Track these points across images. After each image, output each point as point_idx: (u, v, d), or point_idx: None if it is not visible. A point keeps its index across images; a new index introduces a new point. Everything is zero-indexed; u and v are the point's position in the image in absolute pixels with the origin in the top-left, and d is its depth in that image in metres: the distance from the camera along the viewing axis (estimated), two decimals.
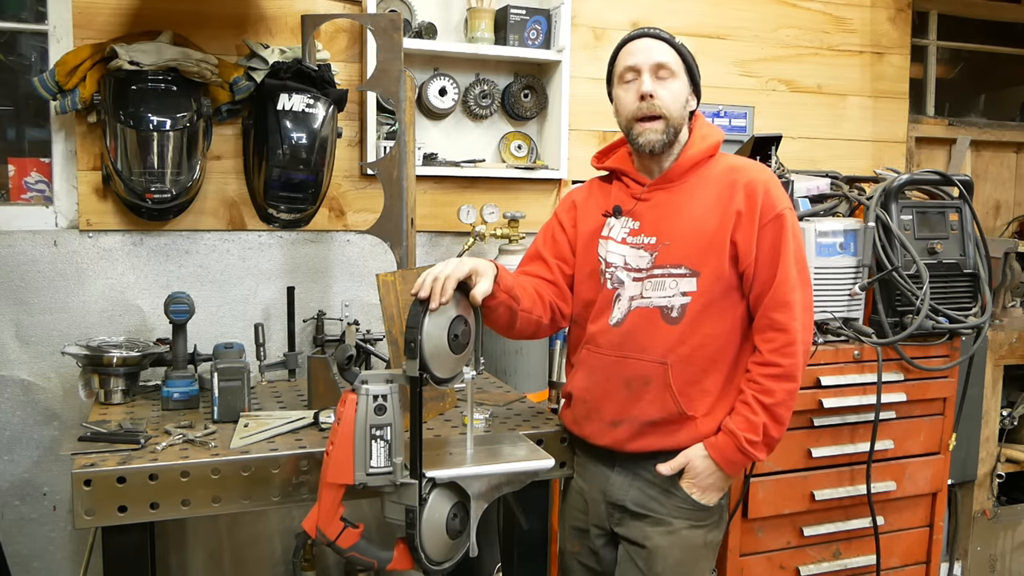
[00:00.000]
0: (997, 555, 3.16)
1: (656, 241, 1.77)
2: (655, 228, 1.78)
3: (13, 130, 2.59)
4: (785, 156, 2.80)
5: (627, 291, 1.78)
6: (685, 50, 1.80)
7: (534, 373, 2.67)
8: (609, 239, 1.83)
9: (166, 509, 1.66)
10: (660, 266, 1.76)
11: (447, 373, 1.60)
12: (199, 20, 2.47)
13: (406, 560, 1.59)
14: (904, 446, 2.53)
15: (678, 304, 1.74)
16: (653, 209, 1.80)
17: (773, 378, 1.72)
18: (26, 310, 2.41)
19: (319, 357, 2.12)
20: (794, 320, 1.72)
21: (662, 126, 1.75)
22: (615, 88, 1.83)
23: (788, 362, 1.72)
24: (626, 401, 1.78)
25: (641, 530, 1.81)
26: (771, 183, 1.76)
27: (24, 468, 2.44)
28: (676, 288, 1.74)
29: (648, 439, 1.78)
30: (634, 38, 1.79)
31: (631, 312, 1.77)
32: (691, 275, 1.74)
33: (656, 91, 1.74)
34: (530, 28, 2.79)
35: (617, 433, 1.80)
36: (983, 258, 2.62)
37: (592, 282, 1.85)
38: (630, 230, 1.81)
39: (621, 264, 1.80)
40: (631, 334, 1.77)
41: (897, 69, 3.50)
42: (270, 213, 2.45)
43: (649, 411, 1.76)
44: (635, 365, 1.76)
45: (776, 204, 1.73)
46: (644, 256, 1.77)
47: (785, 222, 1.73)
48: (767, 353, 1.73)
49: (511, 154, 2.91)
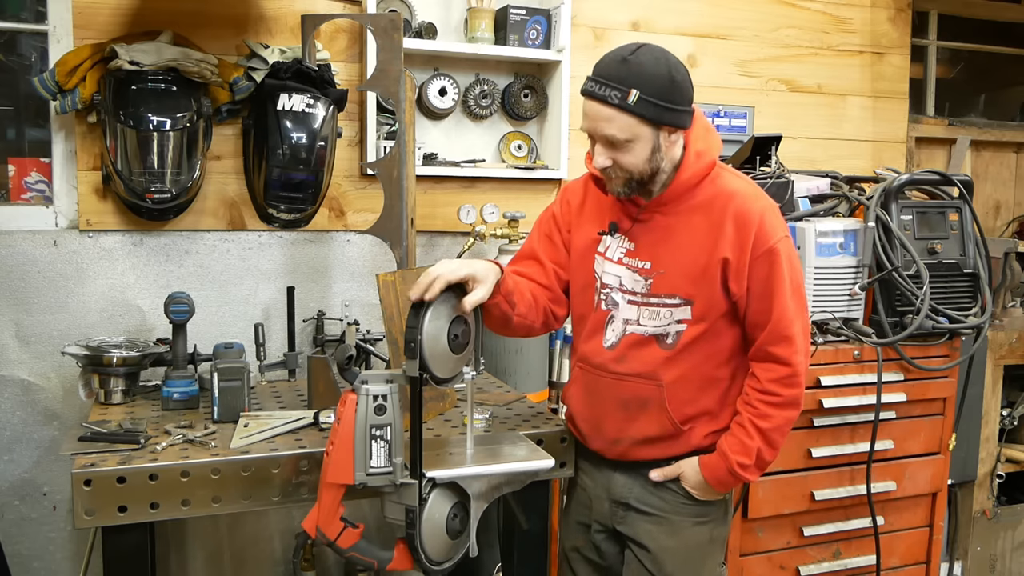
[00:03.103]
0: (997, 555, 3.16)
1: (651, 267, 1.74)
2: (650, 253, 1.74)
3: (13, 130, 2.59)
4: (785, 156, 2.80)
5: (621, 313, 1.77)
6: (646, 103, 1.57)
7: (534, 373, 2.67)
8: (606, 259, 1.79)
9: (166, 509, 1.66)
10: (655, 295, 1.73)
11: (447, 373, 1.60)
12: (199, 20, 2.47)
13: (406, 560, 1.59)
14: (904, 446, 2.53)
15: (673, 331, 1.73)
16: (649, 233, 1.74)
17: (772, 406, 1.71)
18: (26, 310, 2.41)
19: (319, 357, 2.12)
20: (795, 353, 1.70)
21: (623, 180, 1.66)
22: None
23: (788, 392, 1.71)
24: (623, 421, 1.79)
25: (645, 529, 1.82)
26: (765, 213, 1.68)
27: (24, 468, 2.44)
28: (671, 317, 1.73)
29: (647, 451, 1.80)
30: (586, 94, 1.62)
31: (625, 336, 1.76)
32: (685, 304, 1.72)
33: (613, 159, 1.63)
34: (530, 28, 2.79)
35: (618, 448, 1.82)
36: (983, 258, 2.62)
37: (585, 297, 1.84)
38: (626, 251, 1.77)
39: (616, 285, 1.77)
40: (626, 357, 1.76)
41: (897, 69, 3.50)
42: (270, 213, 2.45)
43: (646, 430, 1.78)
44: (631, 387, 1.76)
45: (769, 236, 1.67)
46: (639, 280, 1.75)
47: (779, 256, 1.67)
48: (766, 382, 1.71)
49: (511, 154, 2.91)
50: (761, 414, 1.71)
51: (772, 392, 1.70)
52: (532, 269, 1.89)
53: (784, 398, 1.71)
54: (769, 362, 1.71)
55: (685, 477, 1.79)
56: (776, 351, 1.70)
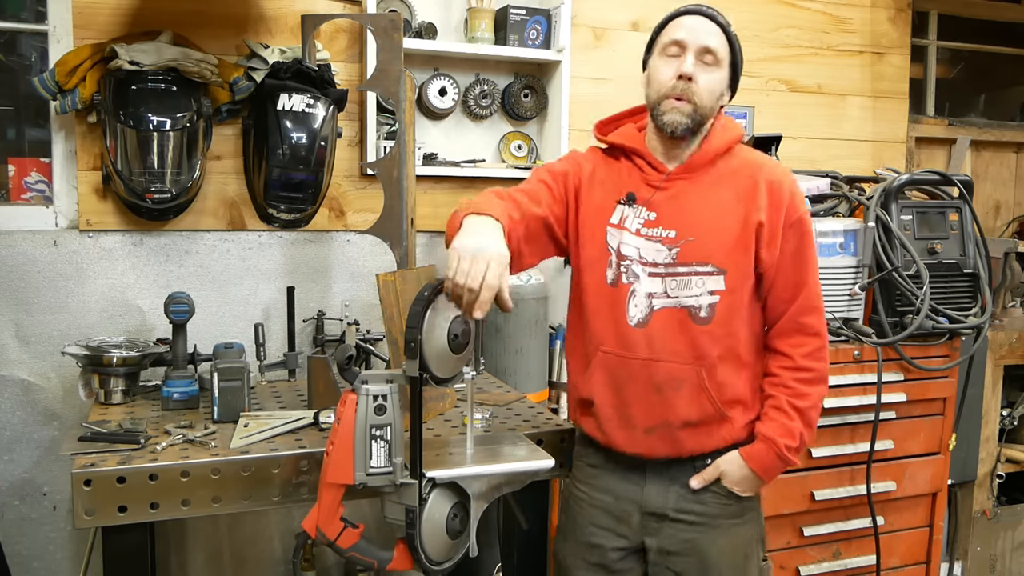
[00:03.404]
0: (997, 555, 3.16)
1: (676, 235, 1.67)
2: (675, 221, 1.67)
3: (13, 130, 2.59)
4: (785, 156, 2.80)
5: (643, 287, 1.68)
6: (736, 41, 1.69)
7: (534, 373, 2.67)
8: (623, 229, 1.70)
9: (166, 509, 1.66)
10: (684, 263, 1.66)
11: (447, 373, 1.60)
12: (199, 20, 2.47)
13: (406, 560, 1.59)
14: (904, 446, 2.53)
15: (706, 303, 1.66)
16: (672, 200, 1.69)
17: (807, 382, 1.70)
18: (26, 310, 2.41)
19: (319, 357, 2.11)
20: (823, 324, 1.72)
21: (690, 109, 1.64)
22: (654, 58, 1.70)
23: (820, 366, 1.71)
24: (658, 405, 1.68)
25: (685, 539, 1.72)
26: (794, 185, 1.72)
27: (24, 468, 2.44)
28: (703, 287, 1.66)
29: (684, 444, 1.70)
30: (689, 12, 1.68)
31: (655, 312, 1.67)
32: (719, 273, 1.66)
33: (696, 75, 1.63)
34: (530, 28, 2.79)
35: (652, 440, 1.70)
36: (983, 258, 2.63)
37: (597, 269, 1.73)
38: (644, 221, 1.69)
39: (636, 257, 1.69)
40: (659, 336, 1.67)
41: (897, 69, 3.50)
42: (270, 213, 2.45)
43: (686, 413, 1.68)
44: (667, 368, 1.66)
45: (799, 207, 1.70)
46: (662, 250, 1.67)
47: (807, 225, 1.71)
48: (799, 358, 1.70)
49: (511, 154, 2.91)
50: (798, 393, 1.69)
51: (806, 368, 1.70)
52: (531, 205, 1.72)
53: (816, 372, 1.71)
54: (800, 335, 1.71)
55: (727, 474, 1.71)
56: (808, 321, 1.70)
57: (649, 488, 1.74)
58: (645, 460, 1.74)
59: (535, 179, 1.79)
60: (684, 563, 1.73)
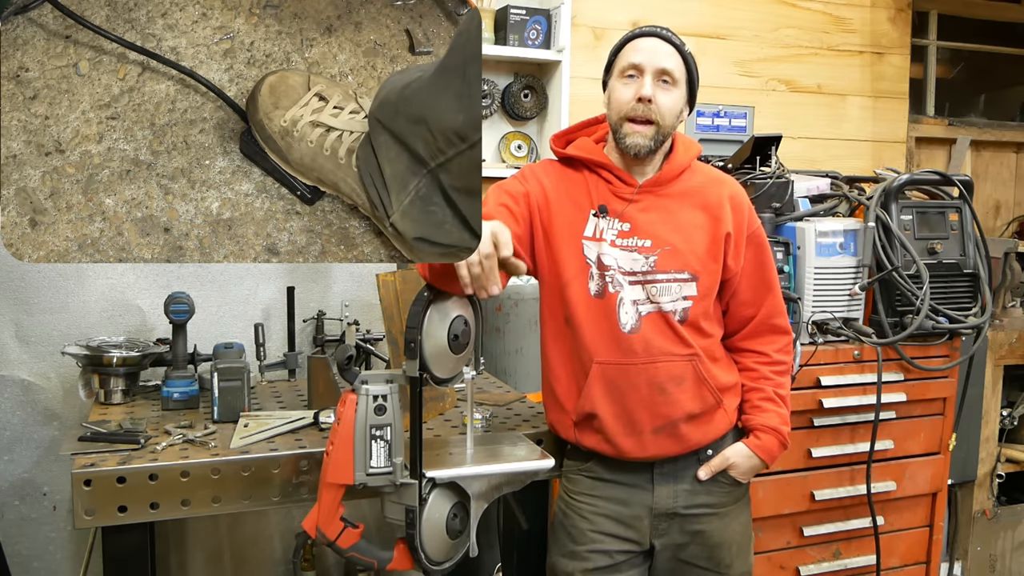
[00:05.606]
0: (997, 555, 3.16)
1: (652, 245, 1.74)
2: (649, 232, 1.75)
3: None
4: (785, 156, 2.80)
5: (628, 295, 1.74)
6: (691, 60, 1.77)
7: (534, 373, 2.66)
8: (600, 240, 1.75)
9: (166, 509, 1.66)
10: (663, 271, 1.74)
11: (447, 373, 1.60)
12: None
13: (406, 560, 1.59)
14: (904, 446, 2.53)
15: (680, 308, 1.75)
16: (644, 213, 1.76)
17: (783, 374, 1.88)
18: (26, 310, 2.41)
19: (319, 357, 2.11)
20: (788, 322, 1.91)
21: (652, 132, 1.72)
22: (613, 79, 1.77)
23: (789, 359, 1.91)
24: (663, 405, 1.74)
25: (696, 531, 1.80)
26: (748, 199, 1.88)
27: (24, 468, 2.44)
28: (679, 292, 1.75)
29: (689, 438, 1.77)
30: (644, 35, 1.76)
31: (643, 318, 1.74)
32: (692, 280, 1.75)
33: (656, 96, 1.70)
34: (530, 28, 2.79)
35: (659, 440, 1.76)
36: (983, 258, 2.62)
37: (579, 283, 1.76)
38: (619, 232, 1.75)
39: (616, 267, 1.75)
40: (652, 339, 1.73)
41: (897, 69, 3.50)
42: None
43: (689, 407, 1.75)
44: (666, 368, 1.74)
45: (755, 219, 1.86)
46: (639, 259, 1.74)
47: (764, 235, 1.87)
48: (775, 354, 1.87)
49: (511, 154, 2.91)
50: (778, 384, 1.86)
51: (781, 361, 1.87)
52: None
53: (788, 364, 1.90)
54: (772, 334, 1.87)
55: (736, 466, 1.82)
56: (779, 322, 1.88)
57: (659, 491, 1.79)
58: (652, 462, 1.79)
59: (494, 202, 1.78)
60: (693, 551, 1.81)
